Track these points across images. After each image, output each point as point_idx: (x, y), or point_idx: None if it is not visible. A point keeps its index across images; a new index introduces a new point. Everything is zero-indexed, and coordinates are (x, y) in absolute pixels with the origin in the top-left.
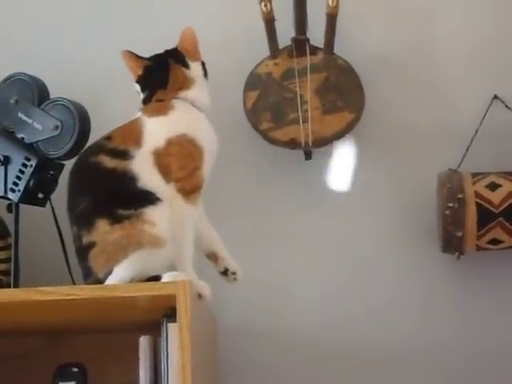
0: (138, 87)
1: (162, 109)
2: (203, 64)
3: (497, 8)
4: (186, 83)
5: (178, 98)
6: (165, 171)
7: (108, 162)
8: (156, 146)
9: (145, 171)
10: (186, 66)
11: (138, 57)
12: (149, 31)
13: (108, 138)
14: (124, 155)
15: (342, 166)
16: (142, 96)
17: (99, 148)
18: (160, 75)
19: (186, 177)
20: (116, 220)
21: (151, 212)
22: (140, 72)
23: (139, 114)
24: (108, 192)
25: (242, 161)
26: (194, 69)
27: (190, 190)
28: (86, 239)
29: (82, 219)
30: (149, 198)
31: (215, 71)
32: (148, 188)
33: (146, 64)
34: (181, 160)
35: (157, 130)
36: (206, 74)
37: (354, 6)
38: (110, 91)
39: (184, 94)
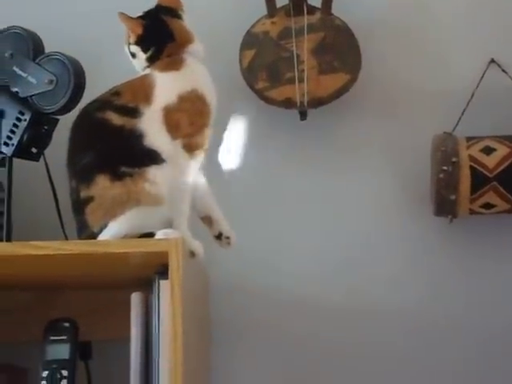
0: (134, 48)
1: (175, 64)
2: None
3: None
4: (190, 36)
5: (187, 53)
6: (173, 127)
7: (116, 119)
8: (167, 102)
9: (152, 129)
10: (181, 18)
11: (134, 17)
12: None
13: (116, 93)
14: (133, 113)
15: (336, 127)
16: (145, 56)
17: (107, 104)
18: (162, 30)
19: (193, 133)
20: (118, 177)
21: (154, 171)
22: (140, 31)
23: (148, 70)
24: (113, 149)
25: (237, 120)
26: (186, 20)
27: (195, 146)
28: (84, 193)
29: (83, 174)
30: (153, 157)
31: (212, 29)
32: (154, 147)
33: (144, 22)
34: (191, 116)
35: (169, 86)
36: None
37: None
38: (105, 46)
39: (191, 47)
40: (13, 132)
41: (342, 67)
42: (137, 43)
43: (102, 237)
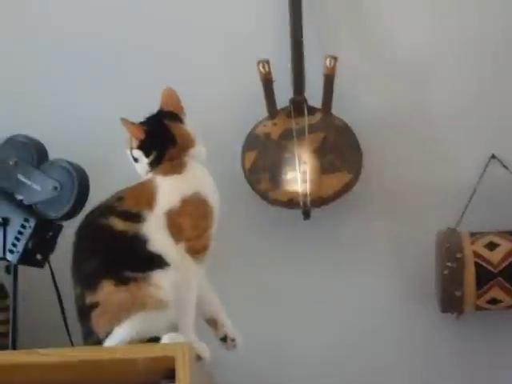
0: (137, 153)
1: (177, 168)
2: None
3: (494, 68)
4: (191, 139)
5: (189, 156)
6: (176, 231)
7: (119, 224)
8: (170, 206)
9: (156, 234)
10: (182, 122)
11: (135, 123)
12: (149, 95)
13: (119, 199)
14: (136, 218)
15: (340, 225)
16: (147, 160)
17: (110, 210)
18: (164, 135)
19: (197, 236)
20: (122, 282)
21: (158, 276)
22: (142, 136)
23: (150, 175)
24: (117, 254)
25: (241, 221)
26: (188, 124)
27: (199, 249)
28: (89, 299)
29: (87, 279)
30: (157, 262)
31: (214, 131)
32: (157, 251)
33: (146, 128)
34: (194, 220)
35: (172, 190)
36: None
37: (351, 66)
38: (108, 153)
39: (193, 151)
40: (18, 239)
41: (343, 166)
42: (139, 148)
43: (107, 343)
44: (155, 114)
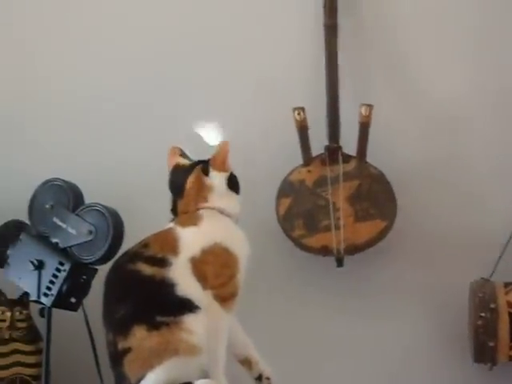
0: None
1: (192, 220)
2: (233, 177)
3: None
4: (202, 191)
5: (203, 208)
6: (202, 278)
7: (146, 269)
8: (193, 254)
9: (183, 278)
10: (206, 173)
11: (178, 154)
12: (184, 141)
13: (144, 245)
14: (162, 263)
15: (373, 273)
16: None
17: (137, 255)
18: (178, 182)
19: (221, 285)
20: (154, 327)
21: (190, 320)
22: (169, 171)
23: (172, 224)
24: (147, 299)
25: (274, 267)
26: (215, 178)
27: (226, 297)
28: (121, 345)
29: (119, 325)
30: (188, 306)
31: (249, 178)
32: (187, 295)
33: (176, 164)
34: (216, 268)
35: (192, 240)
36: (234, 186)
37: (387, 115)
38: (143, 197)
39: (207, 203)
40: (52, 282)
41: (378, 214)
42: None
43: None
44: (200, 160)
